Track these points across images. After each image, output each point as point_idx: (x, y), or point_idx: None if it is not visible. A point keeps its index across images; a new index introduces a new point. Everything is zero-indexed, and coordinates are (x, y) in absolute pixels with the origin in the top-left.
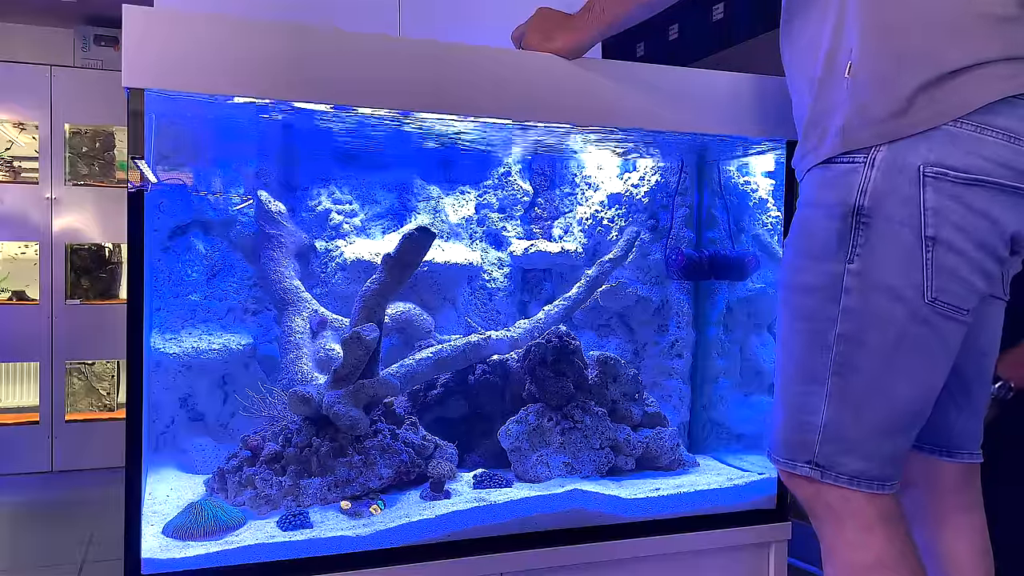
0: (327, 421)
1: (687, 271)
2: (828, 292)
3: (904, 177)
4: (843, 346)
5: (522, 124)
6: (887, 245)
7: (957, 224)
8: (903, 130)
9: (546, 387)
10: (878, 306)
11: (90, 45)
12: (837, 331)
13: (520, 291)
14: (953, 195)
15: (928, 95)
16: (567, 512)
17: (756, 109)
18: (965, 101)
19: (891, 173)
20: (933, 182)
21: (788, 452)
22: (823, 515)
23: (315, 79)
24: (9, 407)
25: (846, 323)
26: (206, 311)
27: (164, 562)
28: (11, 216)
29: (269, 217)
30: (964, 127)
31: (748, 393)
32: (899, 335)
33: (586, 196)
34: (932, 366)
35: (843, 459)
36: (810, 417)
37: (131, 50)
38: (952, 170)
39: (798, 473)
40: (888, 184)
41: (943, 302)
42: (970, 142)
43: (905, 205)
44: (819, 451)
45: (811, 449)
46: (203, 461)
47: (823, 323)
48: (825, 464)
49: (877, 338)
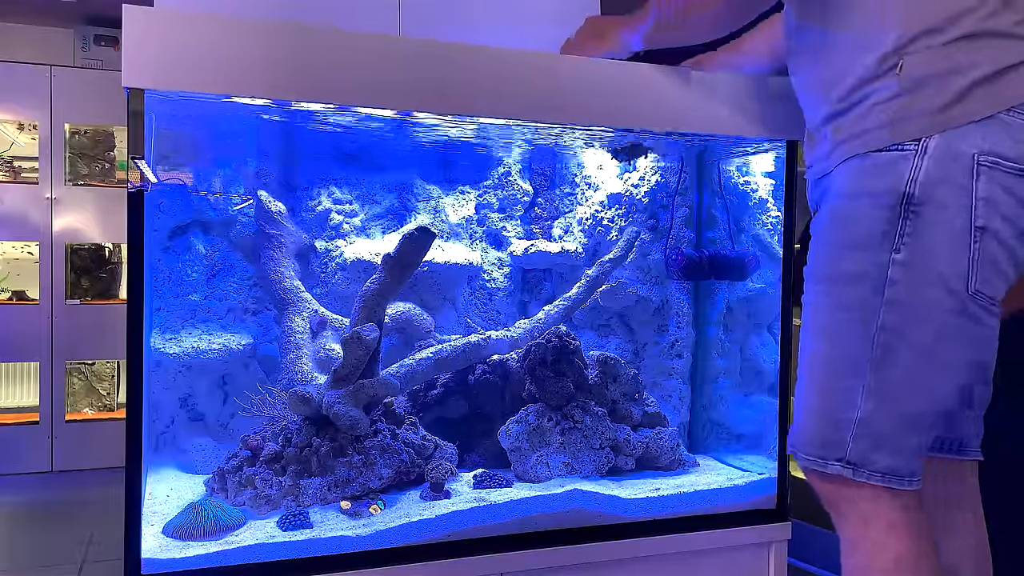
0: (327, 421)
1: (687, 271)
2: (872, 283)
3: (958, 165)
4: (885, 338)
5: (522, 124)
6: (936, 235)
7: (1005, 215)
8: (957, 119)
9: (546, 387)
10: (923, 297)
11: (90, 45)
12: (880, 322)
13: (520, 291)
14: (1005, 185)
15: (983, 89)
16: (567, 512)
17: (756, 109)
18: (1020, 92)
19: (944, 161)
20: (987, 171)
21: (818, 450)
22: (847, 513)
23: (315, 79)
24: (9, 407)
25: (890, 314)
26: (206, 311)
27: (164, 562)
28: (11, 216)
29: (269, 217)
30: (1018, 116)
31: (748, 393)
32: (941, 327)
33: (586, 196)
34: (970, 359)
35: (875, 455)
36: (845, 413)
37: (131, 50)
38: (1005, 159)
39: (828, 471)
40: (941, 172)
41: (984, 294)
42: (1021, 131)
43: (958, 194)
44: (852, 448)
45: (843, 447)
46: (203, 461)
47: (865, 314)
48: (857, 461)
49: (919, 330)
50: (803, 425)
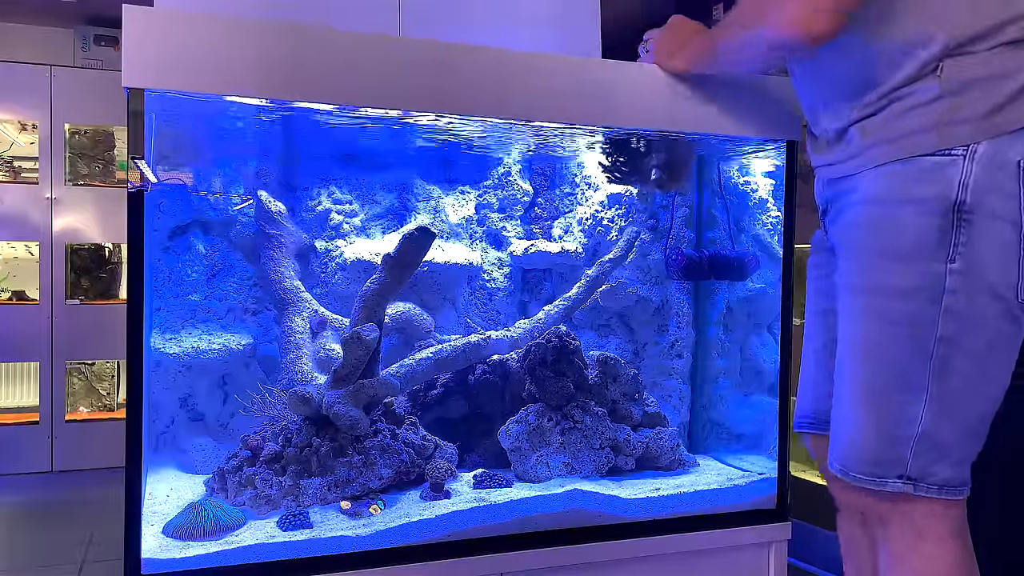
0: (327, 421)
1: (687, 271)
2: (927, 294)
3: (1004, 173)
4: (944, 349)
5: (522, 124)
6: (988, 242)
7: None
8: (1003, 125)
9: (546, 387)
10: (979, 306)
11: (90, 45)
12: (938, 334)
13: (520, 291)
14: None
15: None
16: (567, 512)
17: (756, 109)
18: None
19: (991, 168)
20: None
21: (873, 468)
22: (899, 527)
23: (315, 79)
24: (9, 407)
25: (948, 325)
26: (206, 311)
27: (164, 562)
28: (11, 216)
29: (269, 217)
30: None
31: (748, 393)
32: (994, 335)
33: (586, 196)
34: (1012, 366)
35: (935, 468)
36: (904, 429)
37: (131, 50)
38: None
39: (888, 490)
40: (989, 179)
41: None
42: None
43: (1006, 201)
44: (912, 463)
45: (903, 463)
46: (203, 461)
47: (918, 328)
48: (918, 476)
49: (974, 339)
50: (852, 444)
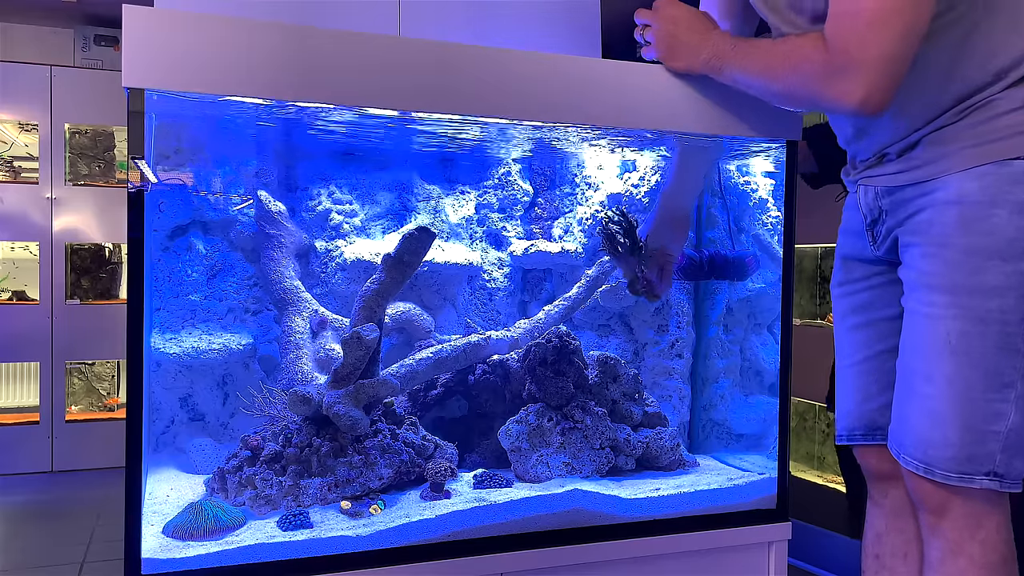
0: (327, 421)
1: (687, 271)
2: (1018, 292)
3: None
4: None
5: (522, 124)
6: None
7: None
8: None
9: (546, 387)
10: None
11: (90, 45)
12: None
13: (520, 291)
14: None
15: None
16: (567, 512)
17: (756, 109)
18: None
19: None
20: None
21: (962, 465)
22: (959, 518)
23: (315, 79)
24: (9, 407)
25: None
26: (206, 311)
27: (164, 562)
28: (11, 216)
29: (269, 217)
30: None
31: (748, 393)
32: None
33: (586, 196)
34: None
35: (1017, 463)
36: (993, 426)
37: (131, 50)
38: None
39: (975, 486)
40: None
41: None
42: None
43: None
44: (1000, 459)
45: (992, 459)
46: (203, 461)
47: (1009, 326)
48: (1004, 472)
49: None
50: (941, 441)
